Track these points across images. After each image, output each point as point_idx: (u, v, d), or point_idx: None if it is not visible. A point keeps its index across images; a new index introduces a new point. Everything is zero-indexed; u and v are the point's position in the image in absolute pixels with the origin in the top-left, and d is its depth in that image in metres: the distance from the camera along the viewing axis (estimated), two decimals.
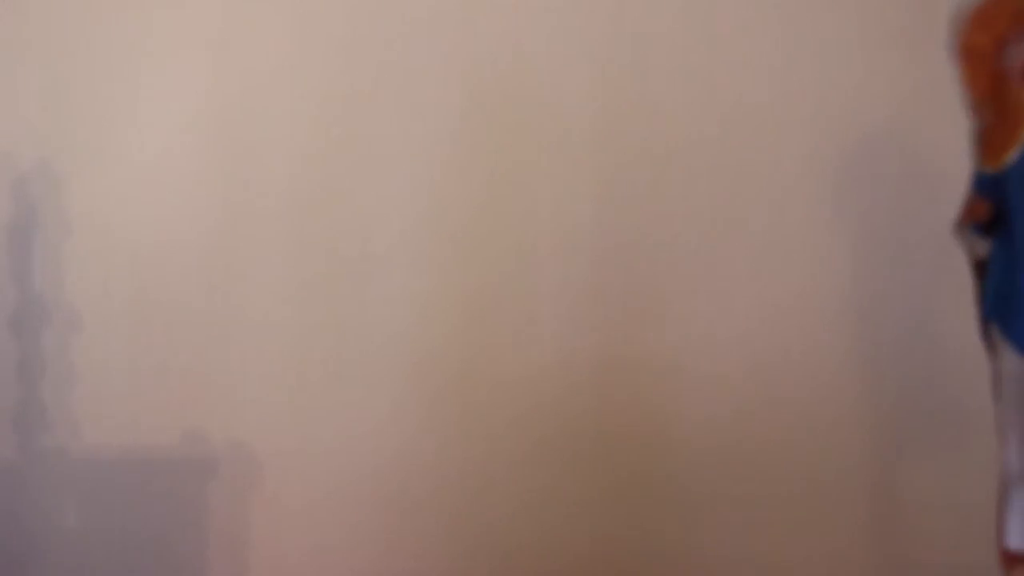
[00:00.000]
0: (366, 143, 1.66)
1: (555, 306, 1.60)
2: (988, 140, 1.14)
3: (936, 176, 1.51)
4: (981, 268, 1.17)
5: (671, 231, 1.57)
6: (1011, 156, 1.12)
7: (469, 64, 1.64)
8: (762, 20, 1.58)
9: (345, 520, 1.61)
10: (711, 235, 1.56)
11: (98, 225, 1.70)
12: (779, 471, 1.51)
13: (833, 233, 1.55)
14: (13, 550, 1.67)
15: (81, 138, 1.72)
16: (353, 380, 1.63)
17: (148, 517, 1.66)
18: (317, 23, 1.69)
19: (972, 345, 1.19)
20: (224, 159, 1.69)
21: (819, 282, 1.55)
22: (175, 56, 1.71)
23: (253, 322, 1.66)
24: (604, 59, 1.61)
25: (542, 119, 1.62)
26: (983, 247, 1.16)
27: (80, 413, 1.68)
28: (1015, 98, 1.13)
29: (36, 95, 1.74)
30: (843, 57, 1.56)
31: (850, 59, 1.56)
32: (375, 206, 1.65)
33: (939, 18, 1.51)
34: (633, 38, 1.60)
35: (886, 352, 1.53)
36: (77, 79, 1.73)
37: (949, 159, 1.52)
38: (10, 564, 1.67)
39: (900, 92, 1.55)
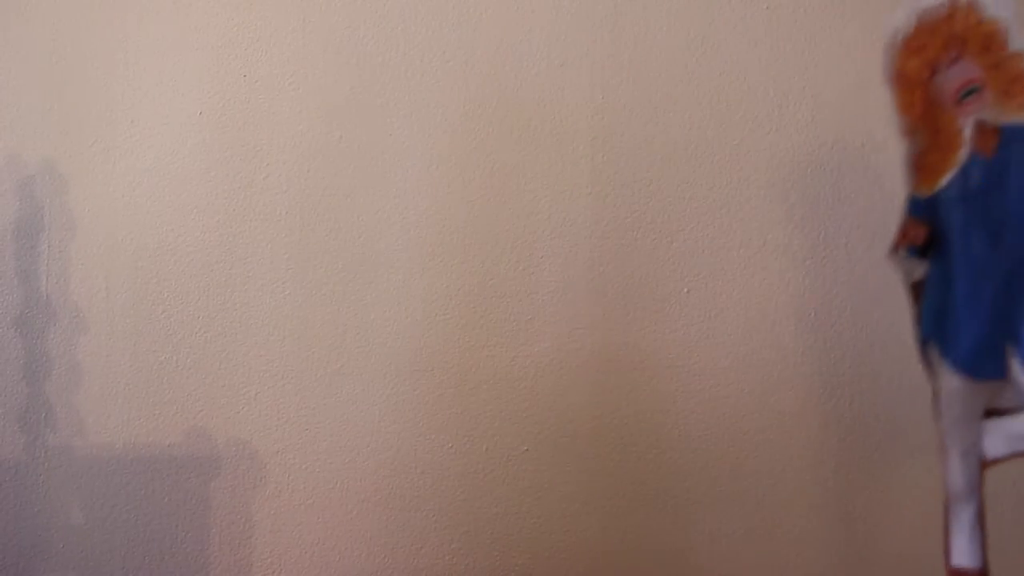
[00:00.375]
0: (367, 143, 1.66)
1: (554, 305, 1.60)
2: (922, 165, 1.14)
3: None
4: (917, 290, 1.17)
5: (670, 231, 1.57)
6: (945, 180, 1.12)
7: (470, 64, 1.64)
8: (762, 21, 1.57)
9: (346, 517, 1.62)
10: (710, 235, 1.56)
11: (103, 225, 1.72)
12: (774, 469, 1.51)
13: (834, 236, 1.54)
14: (19, 547, 1.69)
15: (86, 139, 1.73)
16: (354, 379, 1.63)
17: (152, 514, 1.67)
18: (319, 24, 1.69)
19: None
20: (227, 160, 1.69)
21: (817, 282, 1.54)
22: (179, 57, 1.72)
23: (256, 321, 1.67)
24: (603, 59, 1.61)
25: (542, 119, 1.62)
26: (919, 269, 1.16)
27: (85, 412, 1.69)
28: (948, 123, 1.13)
29: (41, 96, 1.75)
30: (843, 59, 1.55)
31: (850, 61, 1.54)
32: (376, 206, 1.65)
33: None
34: (632, 38, 1.60)
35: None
36: (82, 80, 1.74)
37: None
38: (17, 560, 1.69)
39: None
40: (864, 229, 1.52)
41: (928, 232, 1.13)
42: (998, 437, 1.14)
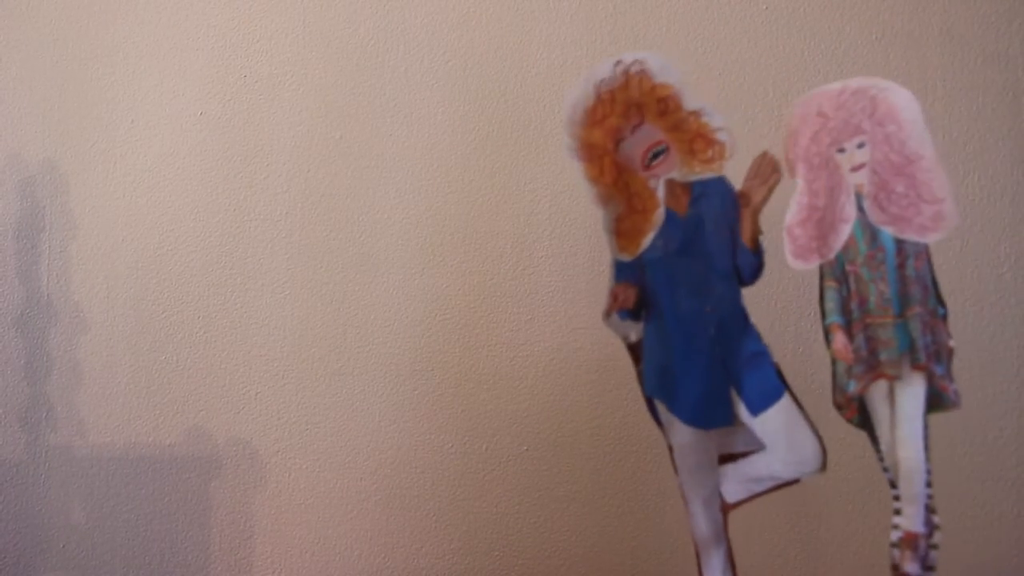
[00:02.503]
0: (367, 143, 1.66)
1: (554, 305, 1.60)
2: (622, 230, 1.16)
3: None
4: (636, 351, 1.19)
5: None
6: (646, 241, 1.14)
7: (470, 64, 1.64)
8: (761, 21, 1.57)
9: (346, 517, 1.63)
10: None
11: (103, 225, 1.72)
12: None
13: None
14: (19, 547, 1.70)
15: (86, 139, 1.74)
16: (354, 379, 1.63)
17: (152, 514, 1.68)
18: (319, 24, 1.69)
19: None
20: (227, 160, 1.70)
21: (816, 283, 1.54)
22: (179, 57, 1.72)
23: (256, 321, 1.67)
24: (603, 59, 1.61)
25: (542, 119, 1.62)
26: (635, 331, 1.18)
27: (86, 411, 1.70)
28: (641, 186, 1.15)
29: (42, 97, 1.75)
30: (843, 59, 1.55)
31: (850, 61, 1.54)
32: (376, 206, 1.65)
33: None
34: (632, 38, 1.60)
35: None
36: (82, 80, 1.75)
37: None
38: (17, 560, 1.69)
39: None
40: None
41: (638, 294, 1.15)
42: (735, 481, 1.17)
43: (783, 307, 1.55)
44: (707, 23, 1.58)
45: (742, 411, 1.15)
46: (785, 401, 1.15)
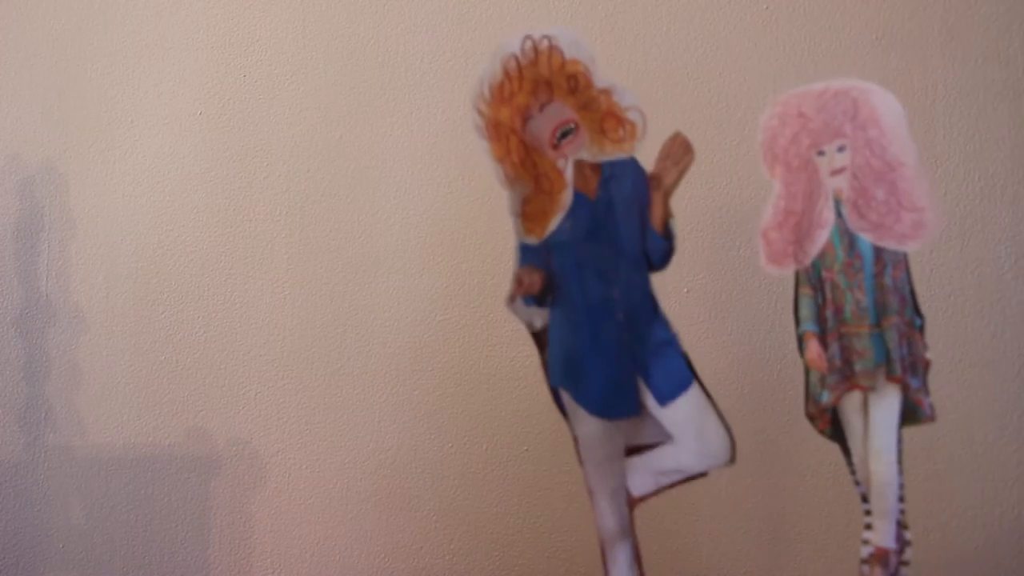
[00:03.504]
0: (368, 142, 1.66)
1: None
2: (528, 212, 1.10)
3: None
4: (541, 338, 1.14)
5: None
6: (554, 223, 1.09)
7: (470, 64, 1.64)
8: (761, 21, 1.57)
9: (346, 517, 1.63)
10: (709, 235, 1.56)
11: (103, 225, 1.72)
12: (774, 469, 1.51)
13: None
14: (19, 547, 1.70)
15: (86, 139, 1.74)
16: (354, 379, 1.63)
17: (152, 514, 1.68)
18: (319, 24, 1.69)
19: None
20: (227, 160, 1.70)
21: None
22: (179, 57, 1.72)
23: (255, 321, 1.67)
24: (603, 59, 1.61)
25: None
26: (540, 317, 1.13)
27: (85, 412, 1.70)
28: (549, 167, 1.10)
29: (41, 97, 1.75)
30: (843, 59, 1.55)
31: (851, 61, 1.54)
32: (376, 206, 1.65)
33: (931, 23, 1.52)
34: (632, 38, 1.60)
35: None
36: (82, 80, 1.75)
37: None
38: (17, 560, 1.69)
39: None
40: None
41: (544, 279, 1.09)
42: (642, 474, 1.14)
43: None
44: (707, 23, 1.58)
45: (650, 401, 1.11)
46: (694, 391, 1.11)
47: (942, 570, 1.45)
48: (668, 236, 1.11)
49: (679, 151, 1.12)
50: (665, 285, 1.13)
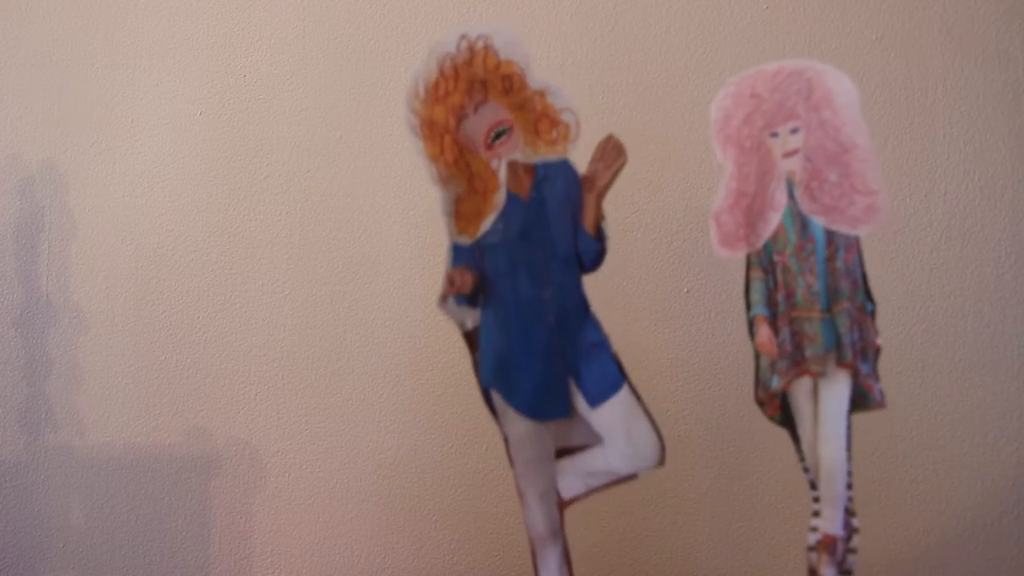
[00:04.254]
0: (368, 142, 1.66)
1: None
2: (461, 212, 1.11)
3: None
4: (473, 339, 1.14)
5: (670, 231, 1.57)
6: (487, 224, 1.10)
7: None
8: (761, 21, 1.57)
9: (346, 517, 1.63)
10: (709, 235, 1.56)
11: (103, 225, 1.72)
12: (774, 469, 1.51)
13: None
14: (19, 547, 1.70)
15: (86, 139, 1.74)
16: (354, 379, 1.63)
17: (152, 514, 1.68)
18: (319, 24, 1.69)
19: None
20: (227, 160, 1.70)
21: None
22: (179, 57, 1.72)
23: (256, 321, 1.67)
24: (603, 59, 1.61)
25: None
26: (471, 318, 1.13)
27: (85, 412, 1.70)
28: (482, 167, 1.10)
29: (41, 97, 1.75)
30: (843, 59, 1.55)
31: (850, 61, 1.54)
32: (376, 205, 1.65)
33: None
34: (632, 38, 1.60)
35: None
36: (82, 80, 1.75)
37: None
38: (17, 560, 1.69)
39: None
40: None
41: (476, 279, 1.10)
42: (572, 476, 1.14)
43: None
44: (707, 23, 1.58)
45: (580, 403, 1.11)
46: (624, 394, 1.11)
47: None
48: (600, 238, 1.12)
49: (612, 153, 1.12)
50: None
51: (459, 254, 1.12)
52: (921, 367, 1.49)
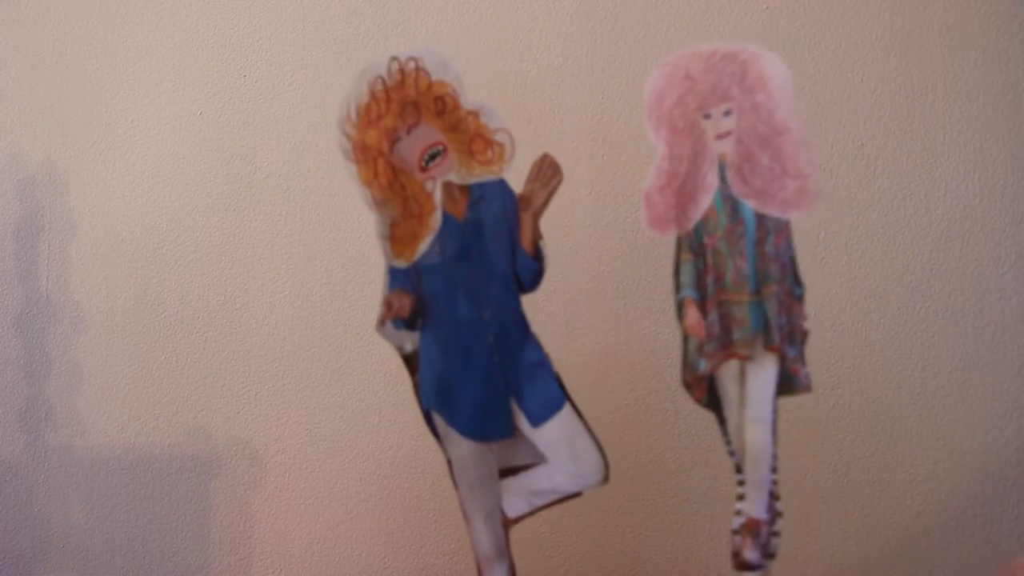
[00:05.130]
0: None
1: (554, 305, 1.59)
2: (397, 235, 1.10)
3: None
4: (412, 362, 1.14)
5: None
6: (423, 246, 1.10)
7: (470, 64, 1.64)
8: (761, 21, 1.57)
9: (346, 517, 1.63)
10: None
11: (103, 225, 1.72)
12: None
13: (833, 236, 1.54)
14: (19, 547, 1.70)
15: (86, 139, 1.74)
16: (354, 379, 1.63)
17: (152, 514, 1.68)
18: (319, 24, 1.69)
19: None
20: (227, 160, 1.70)
21: (816, 283, 1.54)
22: (179, 57, 1.72)
23: (256, 321, 1.67)
24: (603, 59, 1.61)
25: (542, 119, 1.62)
26: (410, 341, 1.13)
27: (85, 411, 1.70)
28: (417, 189, 1.10)
29: (41, 97, 1.75)
30: (843, 59, 1.55)
31: (850, 61, 1.54)
32: None
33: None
34: (632, 38, 1.60)
35: None
36: (82, 80, 1.75)
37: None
38: (17, 560, 1.69)
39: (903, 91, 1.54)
40: (863, 228, 1.52)
41: (413, 302, 1.10)
42: (516, 495, 1.14)
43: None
44: (706, 22, 1.58)
45: (523, 423, 1.11)
46: (566, 412, 1.12)
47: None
48: (538, 257, 1.12)
49: (548, 172, 1.12)
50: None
51: (396, 277, 1.11)
52: (921, 367, 1.49)
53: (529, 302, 1.60)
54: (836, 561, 1.48)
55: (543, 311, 1.59)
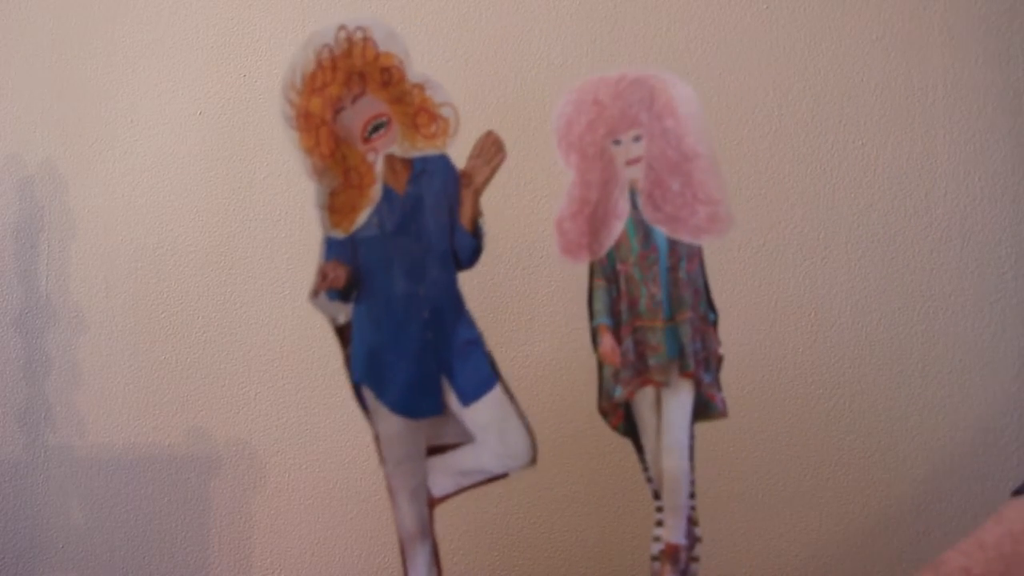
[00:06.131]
0: None
1: (554, 305, 1.59)
2: (336, 205, 1.09)
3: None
4: (345, 334, 1.13)
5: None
6: (362, 218, 1.09)
7: (470, 64, 1.64)
8: (761, 21, 1.57)
9: (347, 517, 1.62)
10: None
11: (103, 225, 1.72)
12: (773, 469, 1.51)
13: (833, 236, 1.54)
14: (19, 547, 1.69)
15: (86, 139, 1.74)
16: None
17: (152, 514, 1.67)
18: (319, 23, 1.69)
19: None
20: (227, 160, 1.70)
21: (815, 283, 1.54)
22: (179, 57, 1.72)
23: (255, 321, 1.67)
24: (603, 59, 1.61)
25: (542, 119, 1.62)
26: (344, 313, 1.13)
27: (85, 411, 1.69)
28: (359, 160, 1.09)
29: (41, 96, 1.75)
30: (843, 59, 1.55)
31: (850, 61, 1.55)
32: None
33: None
34: (632, 38, 1.60)
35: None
36: (82, 80, 1.75)
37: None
38: (16, 560, 1.69)
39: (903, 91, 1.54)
40: (864, 228, 1.52)
41: (349, 274, 1.09)
42: (443, 474, 1.14)
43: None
44: (706, 22, 1.58)
45: (453, 401, 1.11)
46: (497, 392, 1.11)
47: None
48: (477, 234, 1.11)
49: (491, 149, 1.12)
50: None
51: (332, 248, 1.11)
52: (921, 367, 1.50)
53: (529, 298, 1.61)
54: None
55: (542, 306, 1.60)
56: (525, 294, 1.60)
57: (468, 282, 1.62)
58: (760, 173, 1.55)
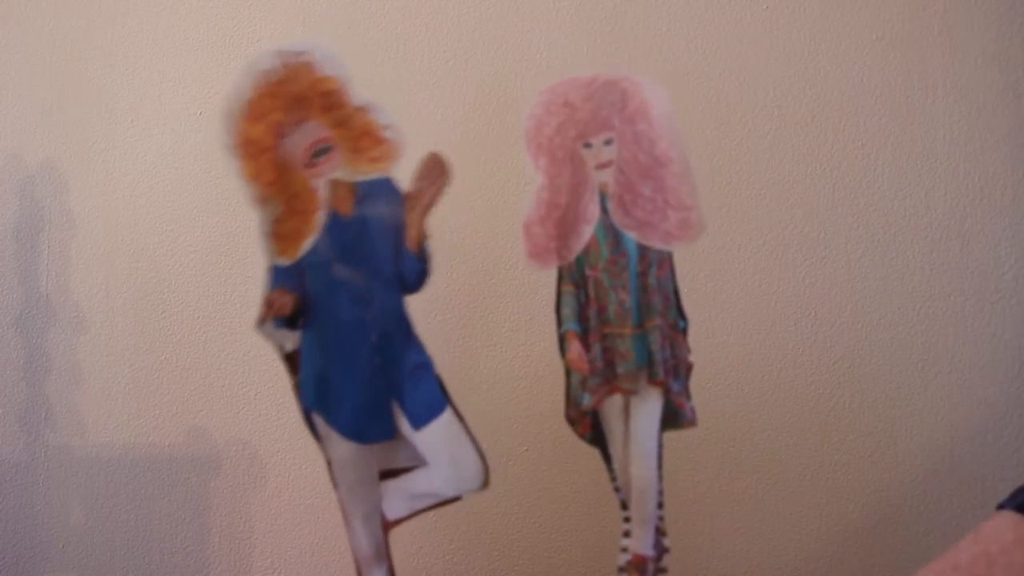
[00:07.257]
0: None
1: (521, 310, 1.59)
2: (281, 232, 1.09)
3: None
4: (293, 361, 1.13)
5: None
6: (307, 244, 1.08)
7: (470, 64, 1.64)
8: (761, 21, 1.57)
9: None
10: (709, 235, 1.55)
11: (103, 225, 1.72)
12: (773, 469, 1.51)
13: (833, 236, 1.54)
14: (19, 547, 1.70)
15: (86, 139, 1.74)
16: None
17: (152, 514, 1.67)
18: (319, 23, 1.69)
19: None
20: (227, 159, 1.69)
21: (816, 283, 1.54)
22: (179, 57, 1.72)
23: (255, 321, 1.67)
24: (603, 59, 1.61)
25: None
26: (292, 340, 1.12)
27: (85, 411, 1.69)
28: (303, 186, 1.08)
29: (41, 96, 1.75)
30: (843, 59, 1.55)
31: (850, 61, 1.54)
32: None
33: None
34: (632, 38, 1.60)
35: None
36: (82, 80, 1.75)
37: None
38: (17, 560, 1.69)
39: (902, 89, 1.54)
40: (864, 228, 1.52)
41: (296, 301, 1.09)
42: (396, 498, 1.15)
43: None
44: (706, 22, 1.58)
45: (404, 425, 1.11)
46: (447, 416, 1.12)
47: None
48: (423, 257, 1.12)
49: (436, 171, 1.12)
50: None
51: (279, 276, 1.10)
52: (921, 367, 1.49)
53: (529, 298, 1.60)
54: None
55: (542, 306, 1.60)
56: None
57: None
58: (760, 173, 1.55)
